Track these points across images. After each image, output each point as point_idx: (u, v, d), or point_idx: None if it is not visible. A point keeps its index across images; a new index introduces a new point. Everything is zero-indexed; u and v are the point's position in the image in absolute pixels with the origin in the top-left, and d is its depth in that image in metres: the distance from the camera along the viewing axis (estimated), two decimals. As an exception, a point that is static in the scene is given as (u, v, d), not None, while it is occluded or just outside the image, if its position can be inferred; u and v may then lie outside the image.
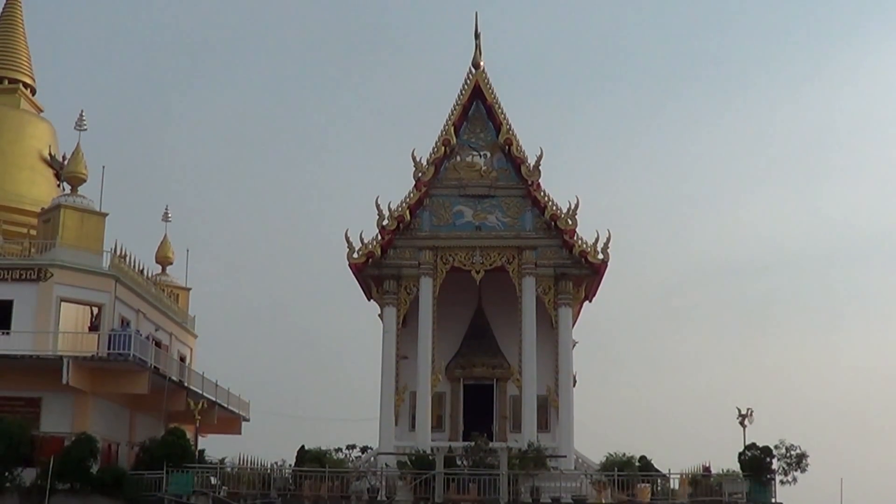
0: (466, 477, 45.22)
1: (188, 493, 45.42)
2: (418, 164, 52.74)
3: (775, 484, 46.02)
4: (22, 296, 52.61)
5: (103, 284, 54.18)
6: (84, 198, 56.35)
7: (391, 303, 52.67)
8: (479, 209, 52.98)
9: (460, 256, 52.62)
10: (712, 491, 46.13)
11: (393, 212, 52.21)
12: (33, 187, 61.83)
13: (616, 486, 45.64)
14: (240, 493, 45.55)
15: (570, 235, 51.84)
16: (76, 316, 53.81)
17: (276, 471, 46.86)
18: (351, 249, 52.28)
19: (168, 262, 70.02)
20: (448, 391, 54.71)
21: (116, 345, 51.23)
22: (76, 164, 57.09)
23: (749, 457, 46.14)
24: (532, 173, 52.51)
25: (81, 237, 54.55)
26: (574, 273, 52.33)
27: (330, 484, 45.40)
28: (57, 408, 51.35)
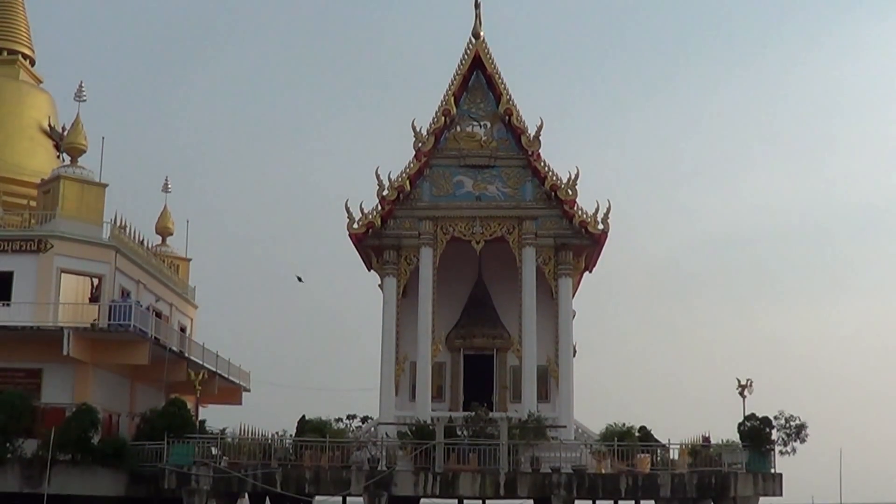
0: (466, 447, 45.25)
1: (189, 463, 45.46)
2: (418, 134, 52.66)
3: (774, 454, 46.16)
4: (22, 267, 52.59)
5: (103, 255, 54.15)
6: (84, 169, 56.29)
7: (391, 273, 52.69)
8: (479, 179, 52.93)
9: (460, 227, 52.58)
10: (712, 461, 46.26)
11: (393, 182, 52.14)
12: (33, 158, 61.70)
13: (616, 456, 45.68)
14: (240, 464, 45.57)
15: (571, 206, 51.78)
16: (76, 287, 53.82)
17: (277, 441, 46.90)
18: (351, 220, 52.25)
19: (168, 233, 69.97)
20: (448, 361, 54.78)
21: (117, 315, 51.21)
22: (76, 134, 57.03)
23: (748, 427, 46.20)
24: (532, 143, 52.44)
25: (81, 208, 54.51)
26: (574, 243, 52.32)
27: (330, 454, 45.44)
28: (58, 379, 51.42)
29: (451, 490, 44.73)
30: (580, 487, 44.59)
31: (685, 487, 45.30)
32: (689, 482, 45.20)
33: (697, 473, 45.47)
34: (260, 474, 45.02)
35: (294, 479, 45.05)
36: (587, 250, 53.31)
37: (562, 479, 44.42)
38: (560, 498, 44.21)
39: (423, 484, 44.59)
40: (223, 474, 45.29)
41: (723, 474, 45.59)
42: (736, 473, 45.50)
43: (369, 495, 44.06)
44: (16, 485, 47.39)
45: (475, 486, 44.59)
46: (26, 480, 47.16)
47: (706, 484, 45.44)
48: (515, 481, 44.59)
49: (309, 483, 44.98)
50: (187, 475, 45.25)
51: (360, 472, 44.67)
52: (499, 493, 44.93)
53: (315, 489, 45.36)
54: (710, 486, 45.59)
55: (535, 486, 44.81)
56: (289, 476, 45.07)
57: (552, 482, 44.41)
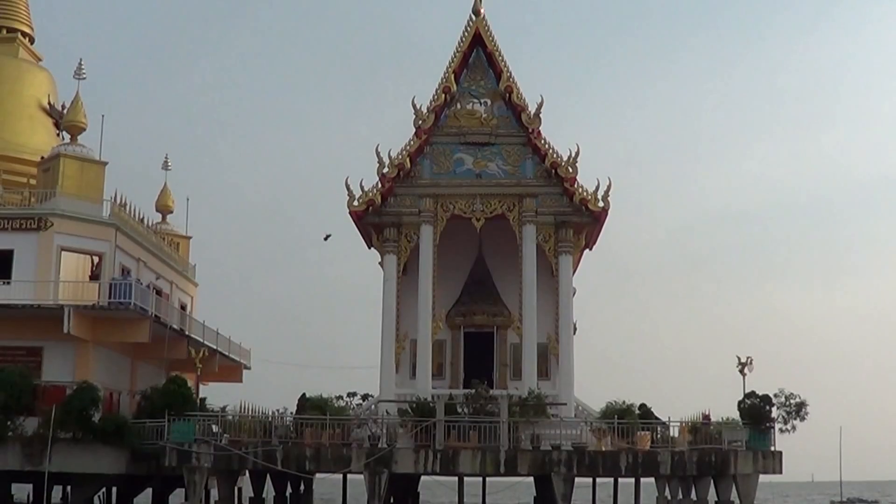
0: (467, 424, 45.30)
1: (190, 441, 45.52)
2: (419, 111, 52.63)
3: (774, 432, 46.20)
4: (22, 245, 52.64)
5: (103, 233, 54.20)
6: (84, 147, 56.30)
7: (391, 251, 52.73)
8: (479, 157, 52.92)
9: (461, 204, 52.59)
10: (712, 439, 46.31)
11: (393, 160, 52.13)
12: (33, 136, 61.67)
13: (616, 433, 45.74)
14: (241, 441, 45.63)
15: (571, 183, 51.79)
16: (77, 265, 53.87)
17: (278, 418, 46.94)
18: (351, 197, 52.25)
19: (168, 211, 70.02)
20: (448, 339, 54.84)
21: (117, 293, 51.26)
22: (75, 112, 57.03)
23: (748, 405, 46.25)
24: (532, 121, 52.42)
25: (81, 186, 54.53)
26: (574, 221, 52.34)
27: (331, 431, 45.50)
28: (58, 357, 51.51)
29: (452, 467, 44.81)
30: (580, 465, 44.66)
31: (685, 465, 45.46)
32: (689, 460, 45.32)
33: (697, 451, 45.57)
34: (260, 452, 45.09)
35: (295, 456, 45.14)
36: (587, 228, 53.34)
37: (562, 457, 44.49)
38: (560, 475, 44.29)
39: (423, 461, 44.67)
40: (224, 452, 45.37)
41: (723, 452, 45.66)
42: (736, 451, 45.58)
43: (370, 473, 44.11)
44: (17, 463, 47.59)
45: (475, 464, 44.65)
46: (27, 458, 47.34)
47: (706, 461, 45.56)
48: (516, 459, 44.66)
49: (309, 460, 45.07)
50: (188, 453, 45.32)
51: (361, 450, 44.72)
52: (499, 471, 45.03)
53: (315, 466, 45.52)
54: (710, 464, 45.72)
55: (536, 464, 44.88)
56: (289, 453, 45.15)
57: (552, 459, 44.48)
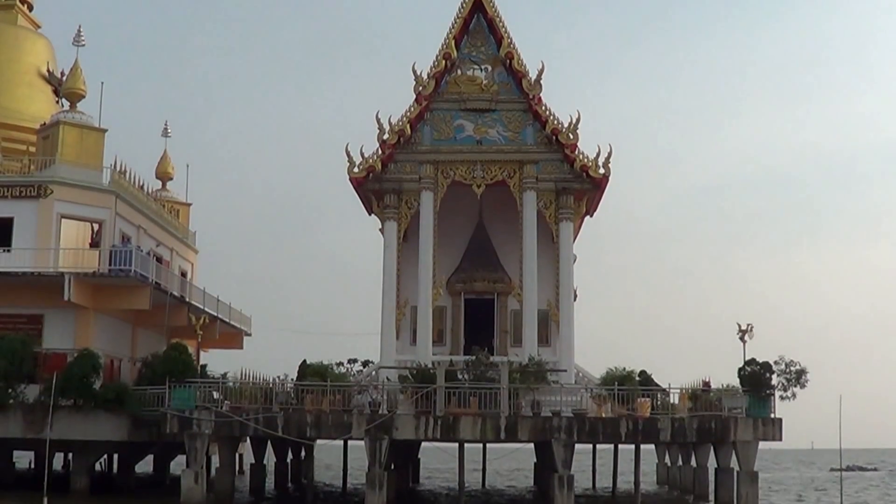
0: (467, 391, 45.27)
1: (191, 408, 45.57)
2: (419, 77, 52.50)
3: (774, 399, 46.16)
4: (22, 213, 52.62)
5: (103, 201, 54.16)
6: (83, 114, 56.24)
7: (392, 217, 52.68)
8: (479, 123, 52.82)
9: (461, 170, 52.52)
10: (712, 406, 46.28)
11: (393, 126, 52.02)
12: (32, 104, 61.56)
13: (616, 400, 45.71)
14: (242, 408, 45.66)
15: (572, 150, 51.71)
16: (77, 232, 53.85)
17: (278, 385, 46.92)
18: (351, 164, 52.16)
19: (168, 178, 69.95)
20: (449, 305, 54.88)
21: (117, 261, 51.30)
22: (75, 80, 56.94)
23: (749, 372, 46.19)
24: (533, 87, 52.30)
25: (81, 153, 54.48)
26: (575, 187, 52.29)
27: (332, 398, 45.49)
28: (59, 324, 51.60)
29: (452, 434, 44.82)
30: (580, 431, 44.66)
31: (685, 432, 45.48)
32: (689, 426, 45.34)
33: (697, 418, 45.58)
34: (261, 418, 45.13)
35: (295, 423, 45.18)
36: (588, 194, 53.28)
37: (562, 423, 44.49)
38: (560, 442, 44.31)
39: (423, 428, 44.68)
40: (225, 418, 45.43)
41: (723, 419, 45.67)
42: (736, 418, 45.58)
43: (370, 439, 44.15)
44: (18, 430, 47.72)
45: (476, 430, 44.66)
46: (28, 426, 47.45)
47: (706, 428, 45.58)
48: (516, 425, 44.67)
49: (310, 427, 45.10)
50: (189, 419, 45.38)
51: (362, 416, 44.74)
52: (499, 437, 45.06)
53: (316, 433, 45.54)
54: (710, 431, 45.76)
55: (536, 430, 44.90)
56: (290, 420, 45.18)
57: (552, 426, 44.49)
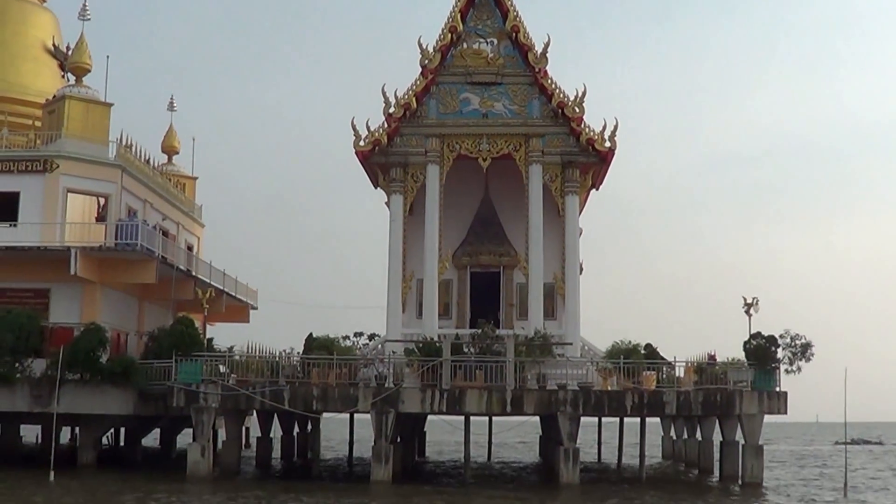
0: (473, 364, 45.39)
1: (197, 381, 45.74)
2: (425, 51, 52.45)
3: (780, 373, 46.21)
4: (28, 187, 52.67)
5: (109, 175, 54.13)
6: (89, 88, 56.19)
7: (398, 191, 52.68)
8: (485, 97, 52.78)
9: (467, 144, 52.52)
10: (717, 379, 46.34)
11: (399, 99, 52.02)
12: (37, 78, 61.49)
13: (622, 373, 45.79)
14: (248, 381, 45.82)
15: (578, 123, 51.68)
16: (83, 207, 53.87)
17: (285, 358, 47.03)
18: (357, 137, 52.16)
19: (174, 152, 69.95)
20: (455, 279, 54.89)
21: (124, 235, 51.30)
22: (80, 54, 56.89)
23: (754, 346, 46.20)
24: (539, 60, 52.22)
25: (87, 128, 54.45)
26: (581, 161, 52.28)
27: (338, 371, 45.61)
28: (65, 298, 51.67)
29: (458, 407, 44.94)
30: (586, 404, 44.75)
31: (690, 405, 45.56)
32: (694, 400, 45.42)
33: (703, 391, 45.64)
34: (268, 392, 45.27)
35: (302, 396, 45.30)
36: (594, 168, 53.28)
37: (568, 396, 44.60)
38: (566, 415, 44.39)
39: (429, 401, 44.80)
40: (231, 392, 45.58)
41: (728, 392, 45.74)
42: (741, 391, 45.64)
43: (376, 412, 44.26)
44: (25, 404, 47.91)
45: (482, 403, 44.77)
46: (36, 400, 47.63)
47: (711, 402, 45.66)
48: (522, 398, 44.77)
49: (316, 400, 45.21)
50: (195, 393, 45.55)
51: (368, 390, 44.86)
52: (505, 410, 45.15)
53: (322, 406, 45.62)
54: (716, 404, 45.84)
55: (542, 403, 44.99)
56: (296, 393, 45.31)
57: (558, 399, 44.59)
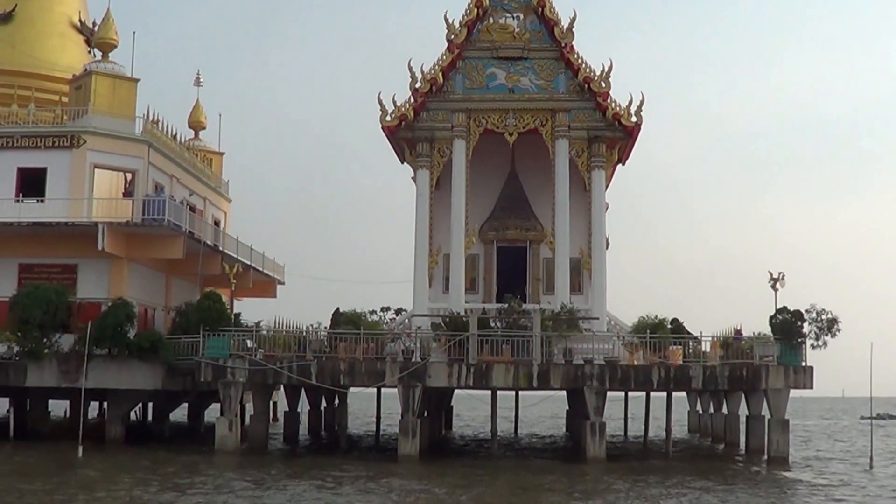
0: (500, 339, 45.42)
1: (224, 356, 45.88)
2: (451, 26, 52.41)
3: (806, 347, 46.07)
4: (55, 163, 52.84)
5: (136, 150, 54.25)
6: (115, 64, 56.26)
7: (424, 166, 52.72)
8: (512, 71, 52.73)
9: (493, 119, 52.50)
10: (743, 354, 46.24)
11: (426, 74, 52.03)
12: (64, 54, 61.63)
13: (648, 348, 45.77)
14: (276, 356, 45.94)
15: (604, 98, 51.62)
16: (110, 182, 54.03)
17: (312, 333, 47.14)
18: (384, 112, 52.20)
19: (201, 127, 70.03)
20: (481, 253, 54.95)
21: (151, 210, 51.41)
22: (106, 29, 56.96)
23: (780, 320, 46.06)
24: (565, 35, 52.13)
25: (114, 103, 54.55)
26: (607, 136, 52.24)
27: (365, 346, 45.68)
28: (93, 274, 51.89)
29: (485, 381, 45.02)
30: (612, 379, 44.78)
31: (717, 379, 45.50)
32: (720, 374, 45.36)
33: (729, 366, 45.55)
34: (295, 367, 45.38)
35: (329, 371, 45.42)
36: (620, 143, 53.23)
37: (594, 371, 44.61)
38: (592, 389, 44.42)
39: (456, 375, 44.87)
40: (258, 367, 45.72)
41: (754, 367, 45.66)
42: (767, 366, 45.56)
43: (403, 387, 44.34)
44: (53, 380, 48.17)
45: (508, 378, 44.84)
46: (64, 375, 47.89)
47: (737, 376, 45.61)
48: (548, 373, 44.82)
49: (343, 375, 45.34)
50: (223, 368, 45.71)
51: (395, 364, 44.93)
52: (532, 385, 45.22)
53: (350, 381, 45.78)
54: (742, 379, 45.78)
55: (568, 378, 45.02)
56: (323, 368, 45.43)
57: (585, 374, 44.61)
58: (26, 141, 53.32)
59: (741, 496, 33.74)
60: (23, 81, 58.29)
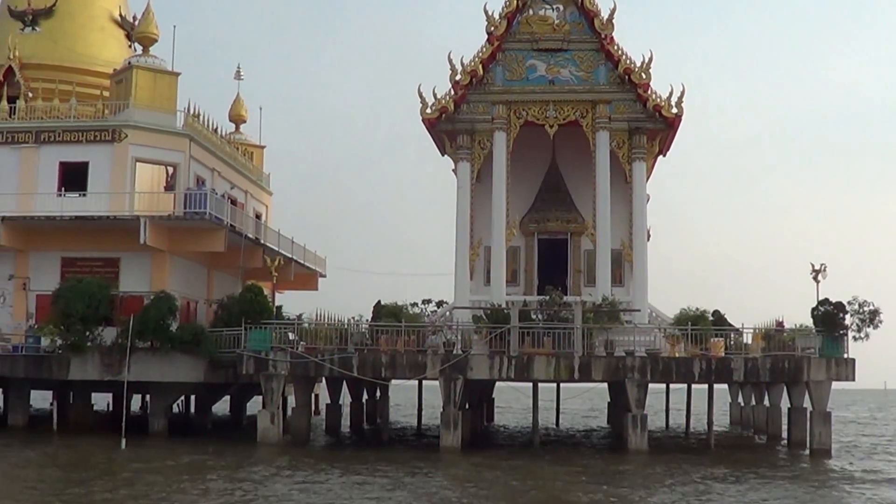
0: (541, 331, 45.41)
1: (266, 349, 46.02)
2: (490, 18, 52.31)
3: (848, 339, 45.88)
4: (97, 157, 53.22)
5: (178, 144, 54.51)
6: (156, 58, 56.50)
7: (465, 158, 52.66)
8: (552, 63, 52.58)
9: (534, 111, 52.37)
10: (785, 346, 46.10)
11: (466, 66, 51.93)
12: (104, 49, 61.93)
13: (689, 340, 45.64)
14: (317, 349, 46.04)
15: (644, 89, 51.42)
16: (151, 176, 54.31)
17: (353, 326, 47.23)
18: (424, 105, 52.16)
19: (241, 120, 70.26)
20: (522, 245, 54.85)
21: (192, 203, 51.64)
22: (147, 24, 57.15)
23: (822, 312, 45.86)
24: (605, 26, 51.94)
25: (155, 97, 54.78)
26: (648, 127, 52.05)
27: (406, 338, 45.74)
28: (135, 267, 52.27)
29: (526, 373, 45.00)
30: (654, 371, 44.70)
31: (758, 372, 45.36)
32: (762, 366, 45.22)
33: (770, 358, 45.42)
34: (336, 359, 45.48)
35: (370, 363, 45.52)
36: (661, 134, 53.04)
37: (636, 363, 44.56)
38: (634, 381, 44.35)
39: (498, 367, 44.88)
40: (300, 359, 45.86)
41: (796, 359, 45.51)
42: (809, 358, 45.40)
43: (445, 379, 44.41)
44: (96, 373, 48.56)
45: (550, 370, 44.80)
46: (107, 368, 48.25)
47: (779, 368, 45.46)
48: (590, 365, 44.78)
49: (385, 367, 45.42)
50: (265, 360, 45.86)
51: (436, 356, 44.98)
52: (573, 377, 45.17)
53: (391, 373, 45.82)
54: (783, 371, 45.63)
55: (610, 370, 44.97)
56: (365, 360, 45.53)
57: (626, 366, 44.56)
58: (68, 135, 53.75)
59: (785, 489, 33.60)
60: (64, 76, 58.71)
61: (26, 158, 53.78)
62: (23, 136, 54.06)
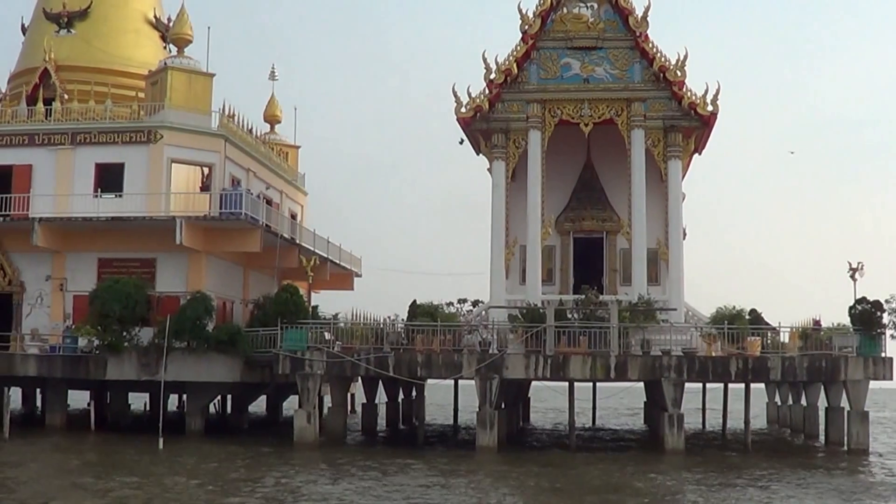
0: (577, 330, 45.33)
1: (302, 348, 46.08)
2: (524, 16, 52.27)
3: (886, 338, 45.67)
4: (133, 158, 53.38)
5: (213, 144, 54.62)
6: (191, 59, 56.62)
7: (500, 157, 52.62)
8: (586, 61, 52.50)
9: (568, 109, 52.29)
10: (822, 345, 45.92)
11: (500, 65, 51.92)
12: (139, 50, 62.12)
13: (726, 339, 45.46)
14: (353, 348, 46.09)
15: (680, 87, 51.29)
16: (187, 176, 54.44)
17: (389, 325, 47.27)
18: (459, 104, 52.20)
19: (276, 121, 70.35)
20: (558, 245, 54.76)
21: (228, 204, 51.73)
22: (181, 25, 57.29)
23: (859, 311, 45.65)
24: (640, 24, 51.83)
25: (190, 98, 54.90)
26: (683, 125, 51.89)
27: (442, 338, 45.70)
28: (171, 268, 52.37)
29: (562, 373, 44.92)
30: (690, 370, 44.57)
31: (795, 371, 45.19)
32: (799, 365, 45.03)
33: (808, 357, 45.22)
34: (373, 359, 45.51)
35: (406, 362, 45.53)
36: (696, 132, 52.89)
37: (672, 362, 44.44)
38: (670, 380, 44.24)
39: (533, 367, 44.83)
40: (336, 359, 45.91)
41: (833, 358, 45.33)
42: (846, 357, 45.21)
43: (481, 378, 44.37)
44: (133, 373, 48.82)
45: (586, 369, 44.73)
46: (143, 368, 48.47)
47: (816, 367, 45.27)
48: (626, 364, 44.69)
49: (421, 367, 45.43)
50: (301, 360, 45.92)
51: (472, 356, 44.95)
52: (609, 376, 45.09)
53: (427, 373, 45.82)
54: (821, 370, 45.44)
55: (646, 369, 44.88)
56: (401, 360, 45.54)
57: (662, 365, 44.46)
58: (104, 136, 53.95)
59: (823, 488, 33.46)
60: (99, 78, 58.87)
61: (62, 160, 53.99)
62: (59, 138, 54.26)
